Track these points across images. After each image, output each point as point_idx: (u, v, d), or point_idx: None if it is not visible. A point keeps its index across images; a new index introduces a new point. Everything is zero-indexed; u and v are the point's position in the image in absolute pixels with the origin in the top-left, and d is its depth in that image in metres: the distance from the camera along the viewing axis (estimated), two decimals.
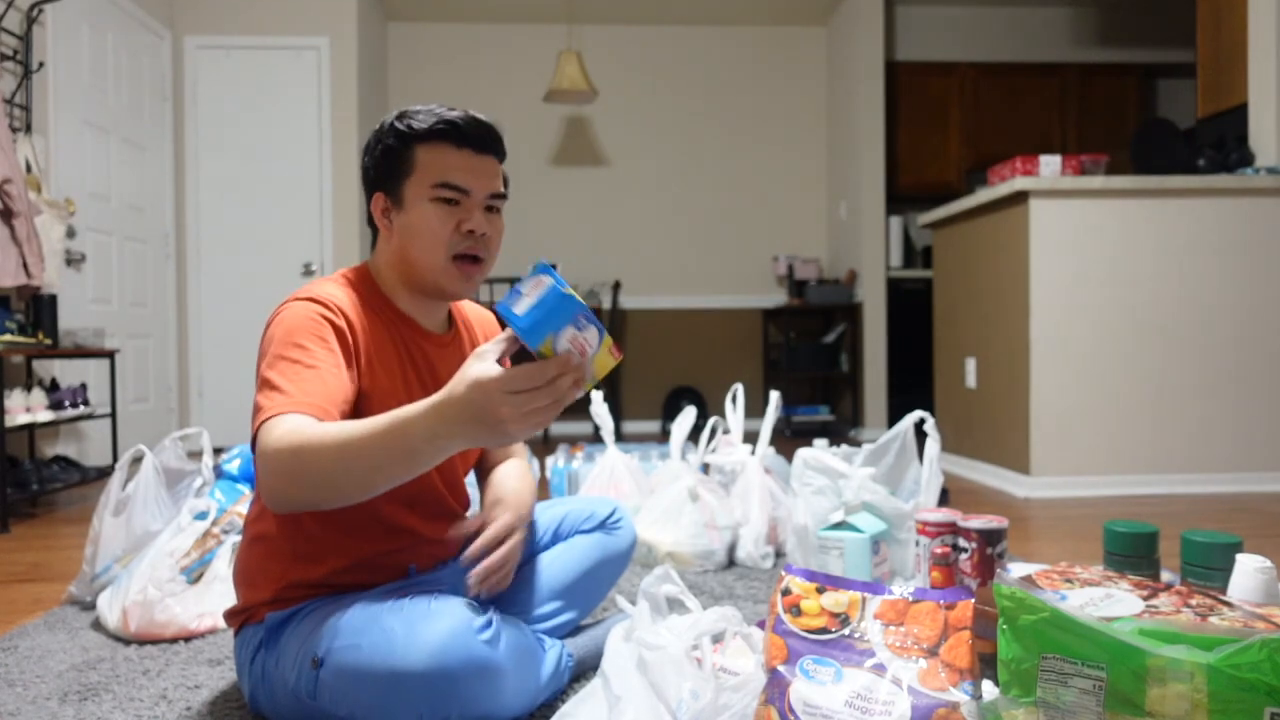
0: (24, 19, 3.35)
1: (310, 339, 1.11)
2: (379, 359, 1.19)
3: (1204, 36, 3.85)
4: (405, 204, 1.19)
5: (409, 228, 1.19)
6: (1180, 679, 0.84)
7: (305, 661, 1.10)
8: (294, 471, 0.97)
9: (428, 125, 1.18)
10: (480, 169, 1.20)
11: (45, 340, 3.10)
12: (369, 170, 1.23)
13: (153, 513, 1.86)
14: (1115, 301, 3.14)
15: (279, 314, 1.15)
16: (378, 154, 1.21)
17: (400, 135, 1.19)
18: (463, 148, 1.19)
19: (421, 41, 5.58)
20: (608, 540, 1.46)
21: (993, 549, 1.50)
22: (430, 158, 1.18)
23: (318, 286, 1.19)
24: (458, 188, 1.18)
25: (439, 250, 1.18)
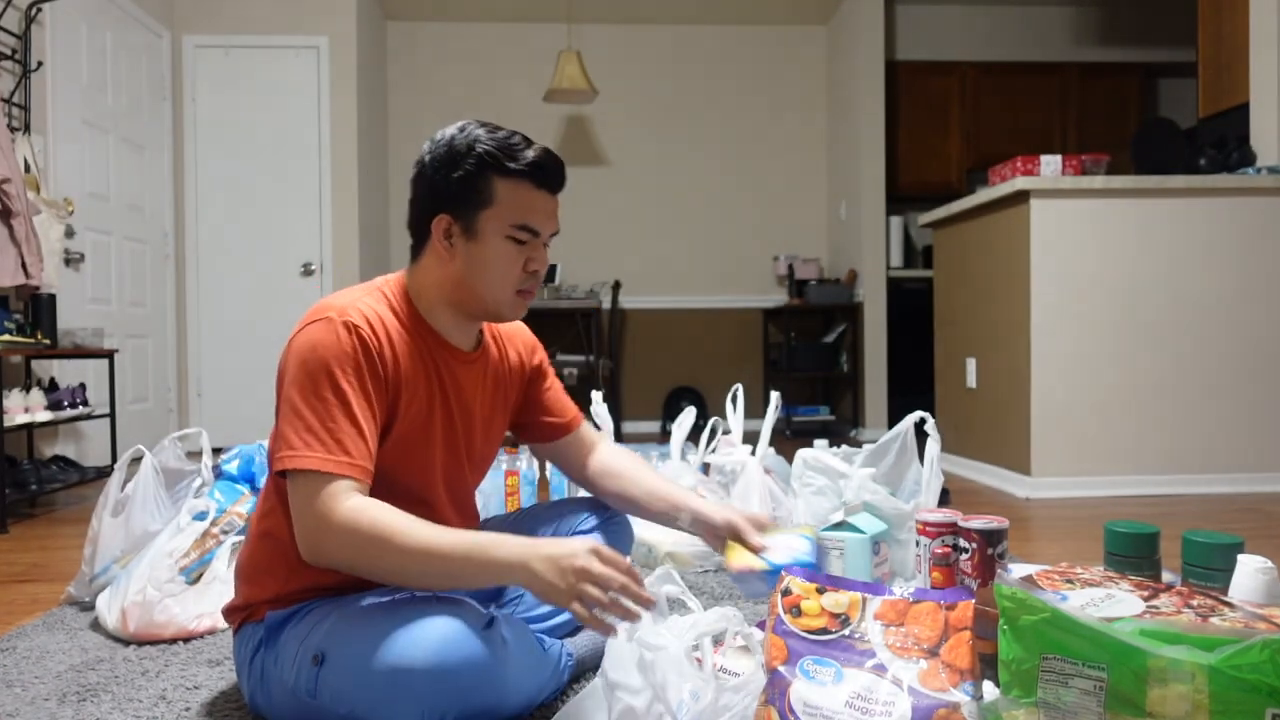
0: (22, 18, 3.35)
1: (347, 372, 1.10)
2: (409, 379, 1.18)
3: (1205, 36, 3.85)
4: (479, 235, 1.18)
5: (478, 260, 1.18)
6: (1181, 680, 0.84)
7: (305, 659, 1.10)
8: (368, 557, 1.06)
9: (516, 164, 1.16)
10: (553, 211, 1.22)
11: (44, 340, 3.10)
12: (438, 189, 1.19)
13: (152, 513, 1.86)
14: (1116, 301, 3.14)
15: (311, 331, 1.12)
16: (453, 178, 1.17)
17: (482, 164, 1.16)
18: (542, 189, 1.19)
19: (421, 41, 5.58)
20: (606, 539, 1.46)
21: (993, 549, 1.50)
22: (512, 195, 1.17)
23: (354, 301, 1.16)
24: (535, 231, 1.19)
25: (507, 287, 1.20)
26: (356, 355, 1.11)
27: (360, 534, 1.05)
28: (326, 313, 1.13)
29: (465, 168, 1.16)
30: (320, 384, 1.09)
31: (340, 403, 1.09)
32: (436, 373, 1.23)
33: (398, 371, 1.16)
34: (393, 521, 1.06)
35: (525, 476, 2.58)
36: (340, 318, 1.12)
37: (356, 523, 1.05)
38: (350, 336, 1.11)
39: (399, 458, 1.18)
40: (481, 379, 1.30)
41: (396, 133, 5.58)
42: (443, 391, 1.24)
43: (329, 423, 1.08)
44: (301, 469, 1.08)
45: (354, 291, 1.20)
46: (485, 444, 1.35)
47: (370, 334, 1.13)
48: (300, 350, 1.11)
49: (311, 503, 1.07)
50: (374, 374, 1.13)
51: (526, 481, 2.58)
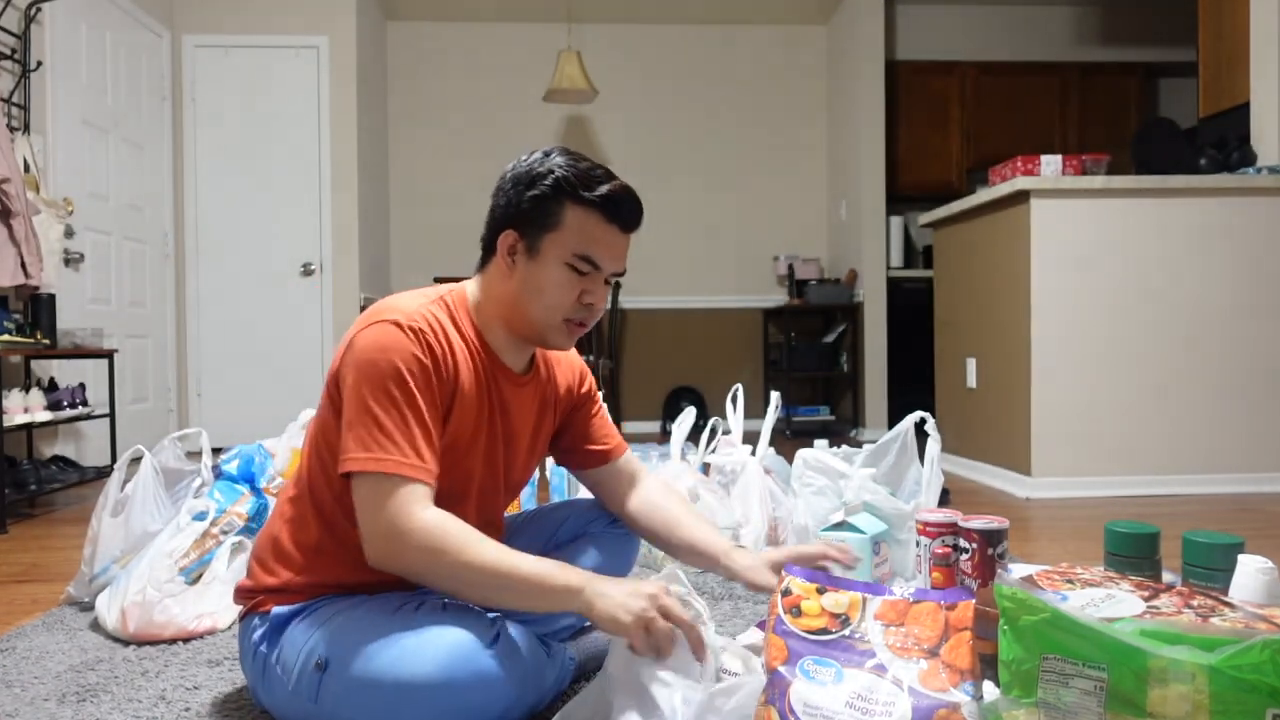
0: (22, 18, 3.35)
1: (415, 376, 1.11)
2: (464, 391, 1.18)
3: (1205, 36, 3.85)
4: (539, 257, 1.18)
5: (534, 281, 1.18)
6: (1181, 680, 0.84)
7: (308, 663, 1.09)
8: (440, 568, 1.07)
9: (590, 193, 1.16)
10: (620, 249, 1.21)
11: (43, 340, 3.10)
12: (512, 206, 1.19)
13: (151, 513, 1.86)
14: (1116, 301, 3.14)
15: (377, 333, 1.12)
16: (527, 196, 1.18)
17: (557, 188, 1.17)
18: (612, 224, 1.18)
19: (421, 41, 5.58)
20: (613, 539, 1.45)
21: (993, 549, 1.50)
22: (579, 223, 1.17)
23: (419, 307, 1.16)
24: (595, 263, 1.18)
25: (558, 312, 1.19)
26: (423, 360, 1.11)
27: (430, 540, 1.06)
28: (392, 315, 1.13)
29: (541, 188, 1.17)
30: (390, 386, 1.09)
31: (411, 406, 1.10)
32: (489, 389, 1.23)
33: (456, 381, 1.17)
34: (465, 534, 1.07)
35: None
36: (407, 322, 1.12)
37: (429, 529, 1.06)
38: (418, 341, 1.12)
39: (447, 466, 1.18)
40: (530, 402, 1.30)
41: (396, 133, 5.57)
42: (491, 409, 1.23)
43: (402, 425, 1.09)
44: (376, 471, 1.08)
45: (416, 297, 1.20)
46: (524, 468, 1.35)
47: (435, 340, 1.14)
48: (367, 351, 1.11)
49: (384, 506, 1.07)
50: (439, 379, 1.13)
51: None
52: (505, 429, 1.27)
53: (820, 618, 1.09)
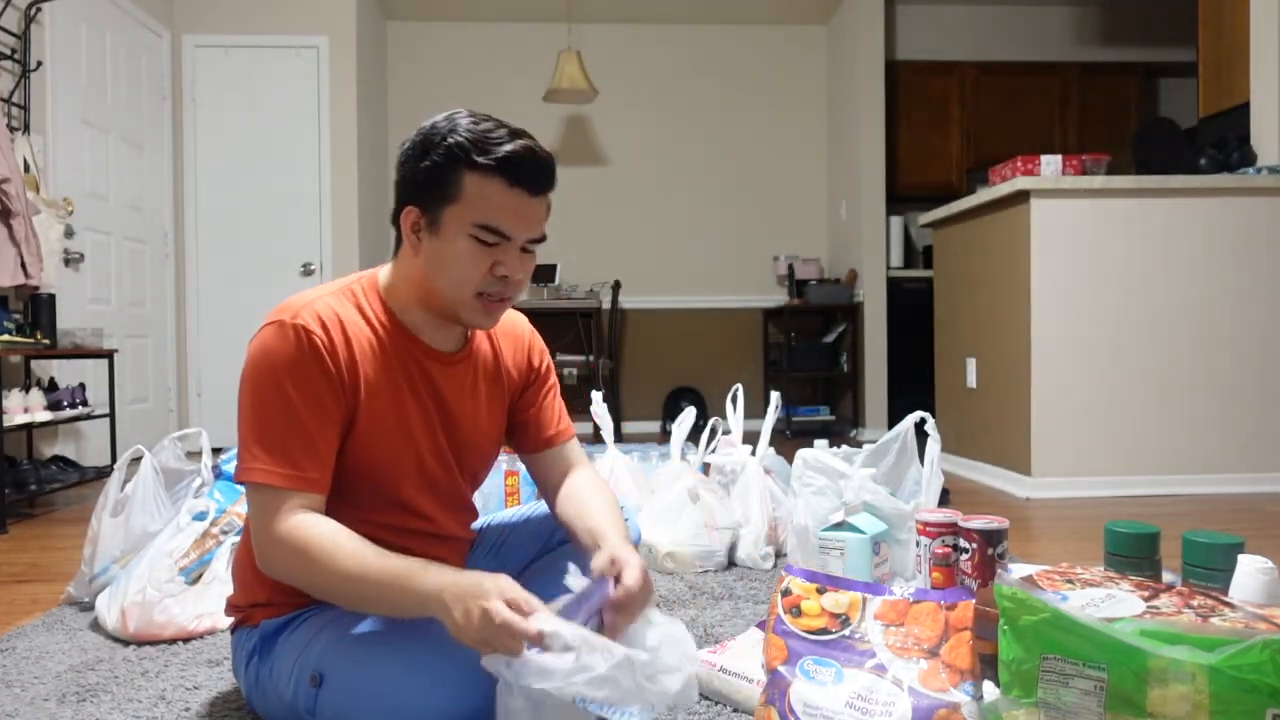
0: (22, 18, 3.35)
1: (297, 379, 1.06)
2: (372, 379, 1.13)
3: (1205, 36, 3.85)
4: (441, 231, 1.10)
5: (439, 256, 1.11)
6: (1181, 680, 0.84)
7: (303, 676, 1.08)
8: (303, 575, 1.05)
9: (486, 158, 1.07)
10: (528, 213, 1.10)
11: (43, 340, 3.10)
12: (408, 179, 1.12)
13: (151, 513, 1.86)
14: (1116, 301, 3.14)
15: (263, 336, 1.09)
16: (422, 168, 1.10)
17: (451, 156, 1.08)
18: (515, 187, 1.08)
19: (421, 40, 5.58)
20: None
21: (993, 549, 1.50)
22: (479, 192, 1.07)
23: (311, 301, 1.12)
24: (501, 233, 1.09)
25: (467, 287, 1.11)
26: (306, 360, 1.07)
27: (294, 551, 1.03)
28: (280, 315, 1.10)
29: (434, 158, 1.09)
30: (269, 393, 1.06)
31: (290, 414, 1.06)
32: (409, 373, 1.17)
33: (355, 372, 1.11)
34: (325, 542, 1.02)
35: (525, 477, 2.58)
36: (292, 320, 1.08)
37: (292, 540, 1.03)
38: (301, 340, 1.07)
39: (369, 459, 1.14)
40: (467, 380, 1.24)
41: (396, 133, 5.57)
42: (416, 392, 1.17)
43: (278, 434, 1.06)
44: (250, 481, 1.06)
45: (317, 290, 1.15)
46: (477, 449, 1.28)
47: (323, 336, 1.08)
48: (253, 357, 1.08)
49: (258, 515, 1.06)
50: (326, 378, 1.08)
51: (526, 481, 2.58)
52: (440, 410, 1.20)
53: (820, 618, 1.09)
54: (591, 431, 5.49)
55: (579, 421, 5.59)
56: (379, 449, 1.14)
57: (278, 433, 1.06)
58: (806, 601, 1.11)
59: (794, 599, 1.12)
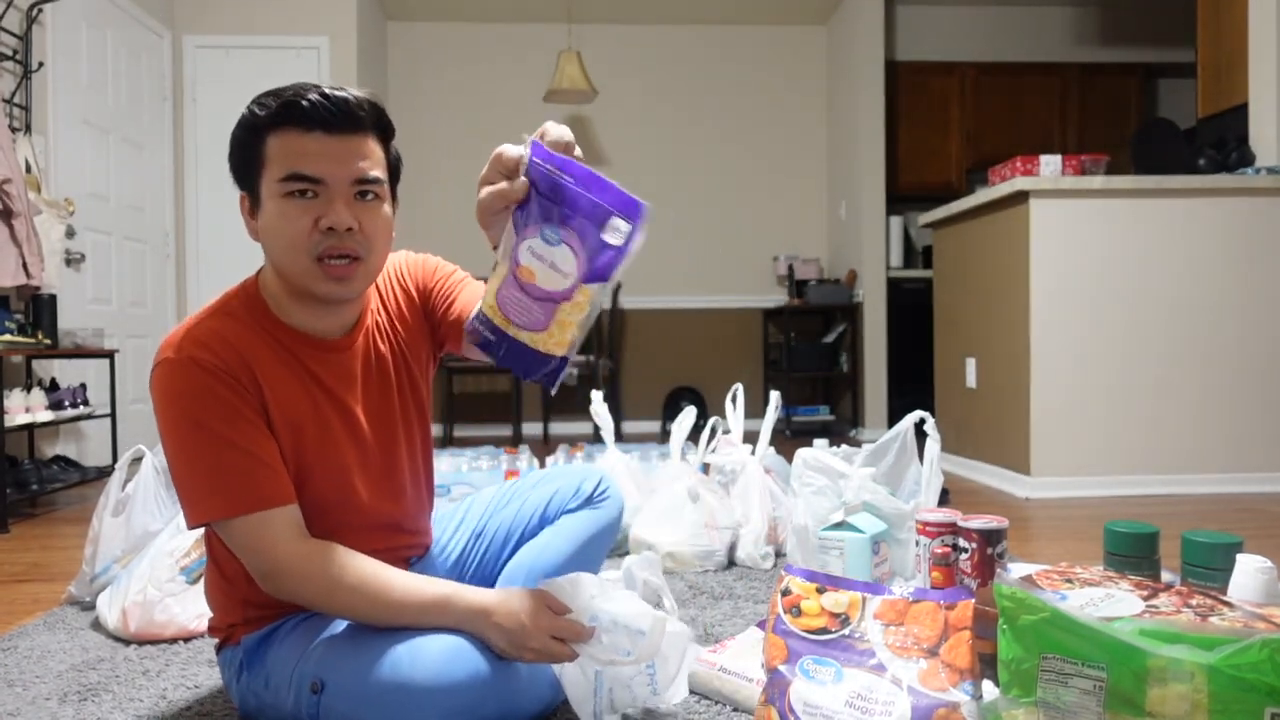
0: (23, 18, 3.35)
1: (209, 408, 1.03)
2: (273, 384, 1.09)
3: (1205, 37, 3.86)
4: (262, 203, 1.06)
5: (267, 229, 1.06)
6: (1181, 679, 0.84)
7: (303, 685, 1.08)
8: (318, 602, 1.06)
9: (271, 109, 1.03)
10: (336, 153, 1.04)
11: (45, 340, 3.10)
12: (231, 169, 1.10)
13: (152, 512, 1.86)
14: (1116, 301, 3.14)
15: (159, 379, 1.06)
16: (232, 149, 1.08)
17: (247, 125, 1.05)
18: (313, 130, 1.03)
19: (421, 41, 5.58)
20: (596, 515, 1.42)
21: (993, 549, 1.50)
22: (277, 147, 1.03)
23: (190, 330, 1.07)
24: (307, 177, 1.02)
25: (300, 252, 1.04)
26: (206, 386, 1.03)
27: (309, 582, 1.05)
28: (163, 354, 1.06)
29: (235, 135, 1.08)
30: (194, 433, 1.04)
31: (222, 443, 1.03)
32: (308, 373, 1.13)
33: (254, 380, 1.07)
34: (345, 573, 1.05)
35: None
36: (179, 355, 1.05)
37: (304, 572, 1.05)
38: (196, 373, 1.04)
39: (302, 462, 1.12)
40: (354, 364, 1.18)
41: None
42: (322, 390, 1.14)
43: (216, 467, 1.03)
44: (218, 519, 1.05)
45: (195, 315, 1.11)
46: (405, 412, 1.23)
47: (210, 359, 1.04)
48: (160, 403, 1.06)
49: (249, 546, 1.05)
50: (237, 395, 1.05)
51: None
52: (329, 398, 1.15)
53: (820, 617, 1.10)
54: (591, 431, 5.50)
55: (579, 421, 5.62)
56: (307, 454, 1.12)
57: (217, 464, 1.03)
58: (806, 601, 1.11)
59: (794, 599, 1.12)
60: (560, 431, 5.60)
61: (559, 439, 5.28)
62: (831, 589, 1.12)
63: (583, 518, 1.41)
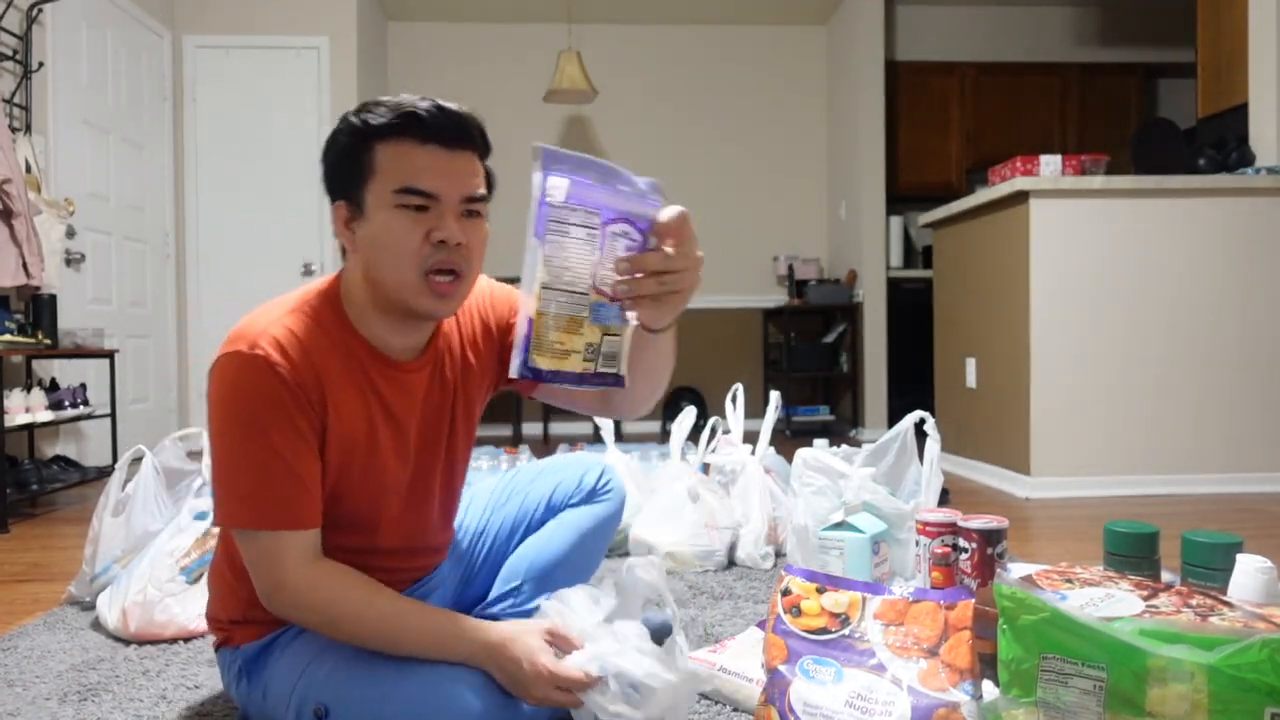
0: (23, 18, 3.35)
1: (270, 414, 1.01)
2: (338, 400, 1.07)
3: (1205, 37, 3.86)
4: (367, 212, 1.04)
5: (372, 240, 1.04)
6: (1181, 679, 0.84)
7: (305, 706, 1.05)
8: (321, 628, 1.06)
9: (386, 119, 1.01)
10: (451, 168, 1.03)
11: (45, 340, 3.10)
12: (328, 176, 1.07)
13: (152, 513, 1.86)
14: (1116, 301, 3.14)
15: (225, 370, 1.03)
16: (333, 157, 1.06)
17: (356, 132, 1.03)
18: (428, 144, 1.02)
19: (421, 41, 5.58)
20: (597, 509, 1.42)
21: (993, 549, 1.50)
22: (390, 157, 1.02)
23: (268, 327, 1.05)
24: (423, 192, 1.01)
25: (408, 266, 1.02)
26: (273, 393, 1.01)
27: (313, 611, 1.04)
28: (237, 344, 1.03)
29: (340, 141, 1.05)
30: (245, 432, 1.01)
31: (269, 450, 1.01)
32: (374, 390, 1.10)
33: (323, 395, 1.05)
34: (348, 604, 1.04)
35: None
36: (251, 351, 1.02)
37: (309, 600, 1.04)
38: (264, 373, 1.01)
39: (347, 479, 1.10)
40: (419, 389, 1.16)
41: None
42: (383, 409, 1.11)
43: (259, 473, 1.01)
44: (240, 527, 1.04)
45: (273, 309, 1.09)
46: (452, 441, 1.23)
47: (286, 366, 1.02)
48: (219, 393, 1.03)
49: (260, 561, 1.04)
50: (298, 406, 1.03)
51: None
52: (407, 424, 1.14)
53: (820, 617, 1.10)
54: (591, 431, 5.50)
55: (579, 421, 5.61)
56: (353, 470, 1.11)
57: (260, 473, 1.02)
58: (806, 601, 1.11)
59: (794, 599, 1.12)
60: (560, 431, 5.60)
61: (559, 439, 5.28)
62: (831, 589, 1.12)
63: (584, 513, 1.41)
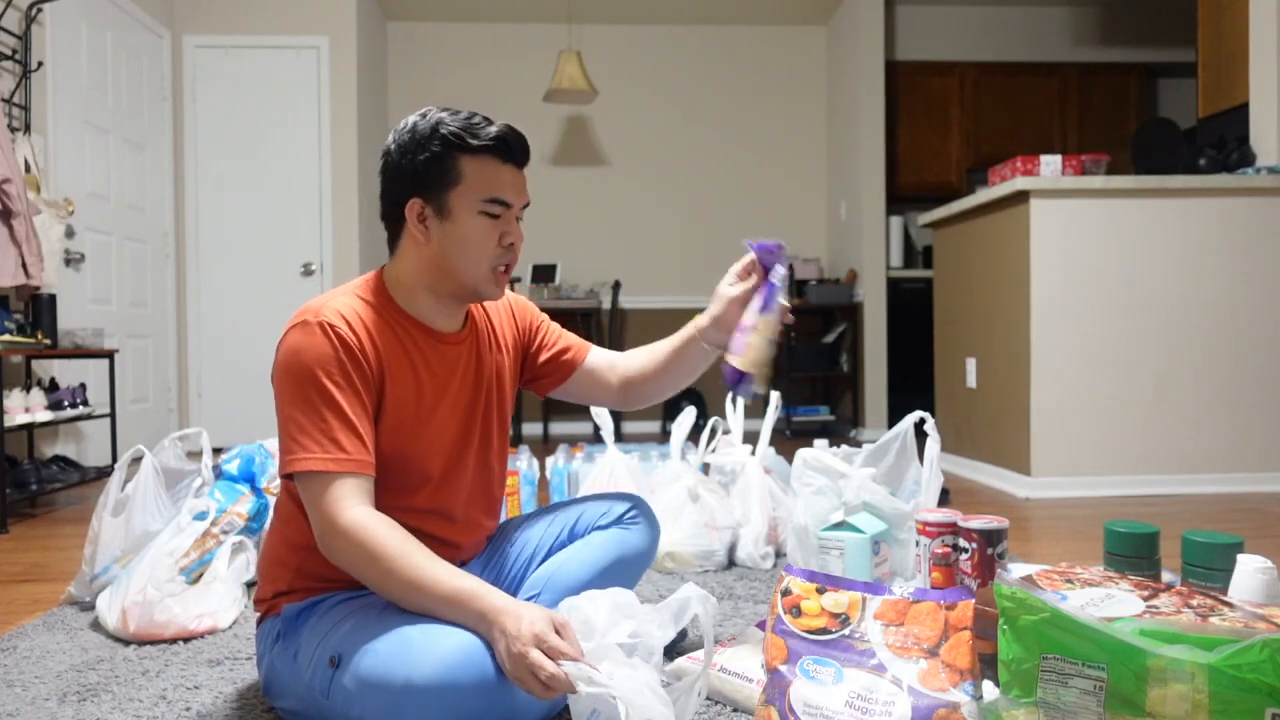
0: (23, 18, 3.35)
1: (331, 373, 1.15)
2: (392, 367, 1.22)
3: (1205, 36, 3.85)
4: (452, 214, 1.21)
5: (455, 237, 1.21)
6: (1181, 679, 0.84)
7: (323, 658, 1.11)
8: (362, 569, 1.11)
9: (479, 140, 1.20)
10: (520, 184, 1.25)
11: (44, 340, 3.10)
12: (407, 174, 1.22)
13: (152, 513, 1.86)
14: (1116, 301, 3.14)
15: (292, 338, 1.17)
16: (420, 160, 1.20)
17: (447, 144, 1.20)
18: (508, 162, 1.23)
19: (421, 41, 5.58)
20: (625, 536, 1.42)
21: (993, 549, 1.50)
22: (478, 170, 1.20)
23: (328, 302, 1.20)
24: (504, 203, 1.22)
25: (485, 262, 1.23)
26: (338, 354, 1.15)
27: (357, 546, 1.10)
28: (303, 317, 1.18)
29: (431, 149, 1.20)
30: (307, 388, 1.14)
31: (329, 403, 1.14)
32: (422, 358, 1.25)
33: (379, 361, 1.20)
34: (390, 548, 1.09)
35: (525, 476, 2.58)
36: (316, 319, 1.16)
37: (357, 535, 1.10)
38: (329, 337, 1.15)
39: (399, 441, 1.22)
40: (469, 358, 1.33)
41: None
42: (431, 375, 1.26)
43: (322, 423, 1.14)
44: (303, 471, 1.13)
45: (332, 293, 1.24)
46: (487, 416, 1.36)
47: (347, 330, 1.17)
48: (285, 357, 1.16)
49: (318, 502, 1.12)
50: (357, 368, 1.17)
51: (526, 481, 2.58)
52: (451, 389, 1.29)
53: (820, 617, 1.10)
54: (591, 432, 5.50)
55: (579, 421, 5.62)
56: (404, 433, 1.22)
57: (320, 422, 1.14)
58: (806, 601, 1.11)
59: (794, 599, 1.12)
60: (560, 432, 5.60)
61: (559, 439, 5.28)
62: (831, 589, 1.12)
63: (612, 536, 1.42)
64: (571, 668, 0.98)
